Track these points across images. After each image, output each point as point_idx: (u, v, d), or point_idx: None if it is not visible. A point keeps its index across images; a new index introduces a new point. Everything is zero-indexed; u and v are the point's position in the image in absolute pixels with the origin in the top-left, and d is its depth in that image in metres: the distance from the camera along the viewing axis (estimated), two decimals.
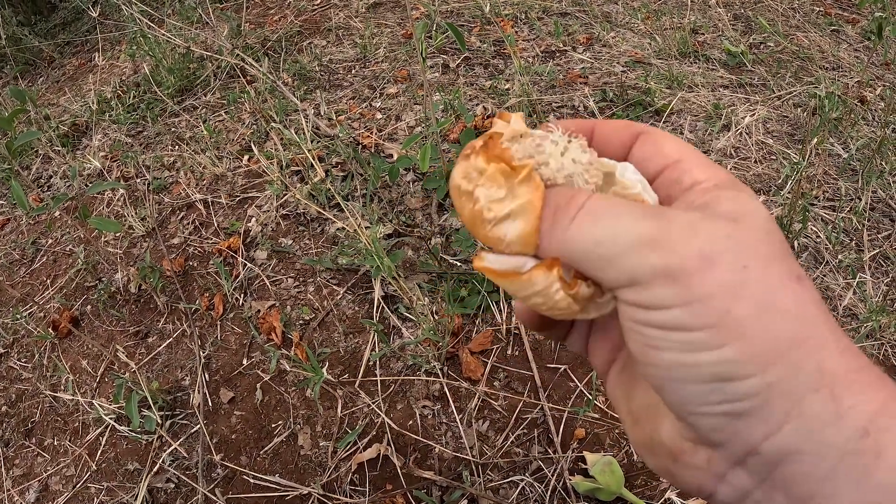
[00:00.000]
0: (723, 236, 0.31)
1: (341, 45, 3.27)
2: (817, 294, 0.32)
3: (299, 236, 2.16)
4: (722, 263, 0.30)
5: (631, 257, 0.31)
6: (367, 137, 2.50)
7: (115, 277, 2.18)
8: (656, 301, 0.31)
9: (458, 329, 1.78)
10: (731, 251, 0.31)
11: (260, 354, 1.86)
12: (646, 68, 2.82)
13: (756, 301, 0.30)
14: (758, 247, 0.31)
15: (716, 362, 0.30)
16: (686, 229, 0.31)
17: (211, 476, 1.64)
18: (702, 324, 0.30)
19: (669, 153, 0.37)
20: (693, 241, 0.31)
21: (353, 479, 1.57)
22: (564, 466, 1.52)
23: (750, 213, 0.32)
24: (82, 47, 4.05)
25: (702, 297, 0.30)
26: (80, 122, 3.04)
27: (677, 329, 0.31)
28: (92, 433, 1.79)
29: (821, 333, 0.30)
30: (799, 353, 0.30)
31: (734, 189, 0.34)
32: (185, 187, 2.45)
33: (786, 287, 0.31)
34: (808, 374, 0.29)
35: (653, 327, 0.32)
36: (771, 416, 0.30)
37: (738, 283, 0.30)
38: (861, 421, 0.29)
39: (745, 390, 0.30)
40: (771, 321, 0.30)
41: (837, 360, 0.30)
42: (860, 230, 2.03)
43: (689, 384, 0.31)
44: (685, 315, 0.30)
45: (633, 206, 0.33)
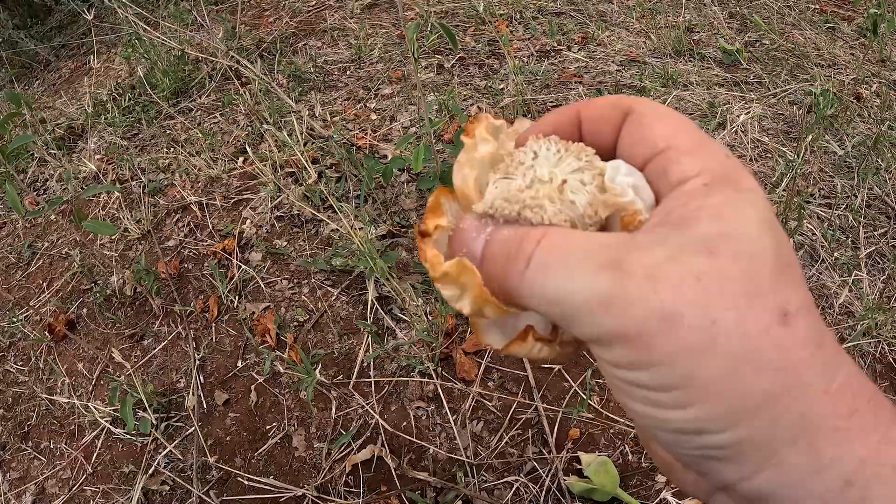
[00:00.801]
0: (691, 282, 0.28)
1: (336, 46, 3.26)
2: (810, 327, 0.29)
3: (294, 238, 2.16)
4: (685, 322, 0.27)
5: (587, 319, 0.29)
6: (362, 138, 2.50)
7: (111, 280, 2.17)
8: (616, 360, 0.29)
9: (451, 329, 1.78)
10: (698, 303, 0.27)
11: (254, 356, 1.86)
12: (641, 67, 2.82)
13: (724, 361, 0.27)
14: (734, 287, 0.28)
15: (682, 420, 0.29)
16: (645, 283, 0.28)
17: (205, 478, 1.64)
18: (665, 386, 0.28)
19: (657, 139, 0.33)
20: (652, 299, 0.27)
21: (348, 481, 1.57)
22: (559, 467, 1.52)
23: (735, 236, 0.29)
24: (78, 50, 4.05)
25: (663, 361, 0.28)
26: (76, 126, 3.04)
27: (641, 388, 0.29)
28: (88, 436, 1.79)
29: (805, 382, 0.28)
30: (777, 406, 0.28)
31: (724, 192, 0.30)
32: (180, 189, 2.45)
33: (765, 334, 0.27)
34: (786, 426, 0.28)
35: (620, 381, 0.30)
36: (744, 465, 0.29)
37: (705, 343, 0.27)
38: (844, 472, 0.27)
39: (714, 443, 0.29)
40: (742, 379, 0.27)
41: (824, 407, 0.28)
42: (856, 227, 2.03)
43: (661, 433, 0.30)
44: (647, 377, 0.28)
45: (590, 250, 0.30)
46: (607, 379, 0.32)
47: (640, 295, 0.28)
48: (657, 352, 0.27)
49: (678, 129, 0.33)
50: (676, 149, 0.32)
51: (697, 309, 0.27)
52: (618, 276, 0.28)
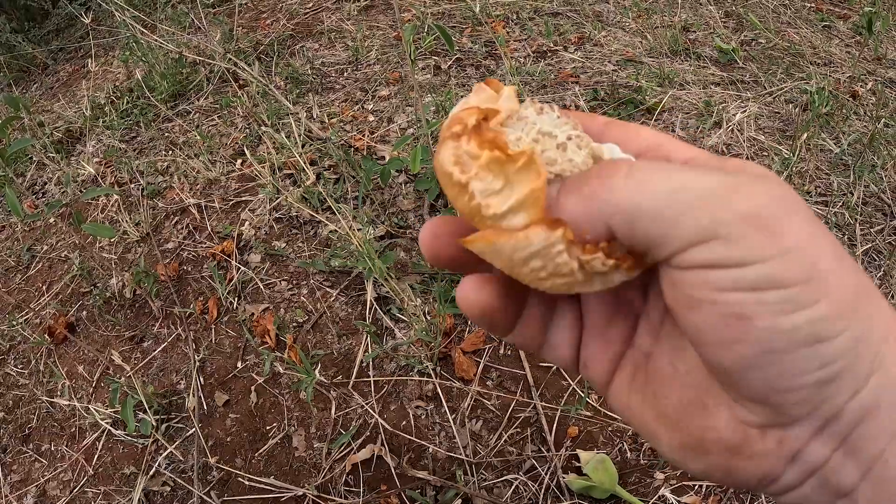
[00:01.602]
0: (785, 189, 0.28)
1: (333, 47, 3.27)
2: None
3: (292, 239, 2.17)
4: (801, 212, 0.28)
5: (712, 206, 0.27)
6: (360, 140, 2.51)
7: (111, 283, 2.18)
8: (745, 254, 0.27)
9: (450, 329, 1.79)
10: (799, 202, 0.28)
11: (254, 357, 1.86)
12: (637, 67, 2.83)
13: (835, 250, 0.28)
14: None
15: (811, 321, 0.27)
16: (756, 179, 0.28)
17: (206, 479, 1.65)
18: (796, 278, 0.27)
19: (647, 137, 0.35)
20: (772, 190, 0.28)
21: (348, 480, 1.58)
22: (558, 465, 1.53)
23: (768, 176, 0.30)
24: (76, 53, 4.05)
25: (794, 247, 0.27)
26: (74, 129, 3.04)
27: (772, 287, 0.27)
28: (89, 438, 1.80)
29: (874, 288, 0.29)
30: (869, 302, 0.28)
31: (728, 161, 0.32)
32: (178, 192, 2.46)
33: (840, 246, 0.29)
34: (879, 323, 0.28)
35: (741, 290, 0.27)
36: (858, 372, 0.28)
37: (819, 235, 0.28)
38: None
39: (837, 349, 0.27)
40: (846, 273, 0.28)
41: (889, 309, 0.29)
42: (852, 225, 2.04)
43: (788, 354, 0.28)
44: (780, 268, 0.27)
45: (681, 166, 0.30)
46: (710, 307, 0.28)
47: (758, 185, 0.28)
48: (788, 237, 0.27)
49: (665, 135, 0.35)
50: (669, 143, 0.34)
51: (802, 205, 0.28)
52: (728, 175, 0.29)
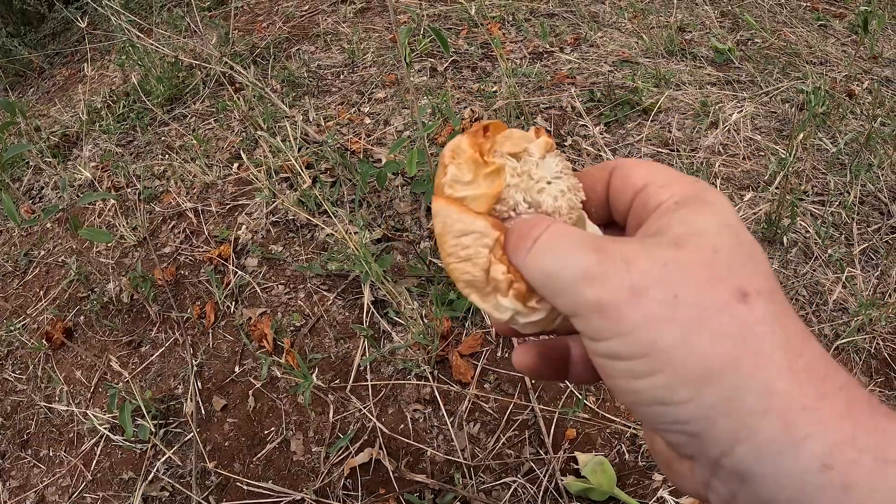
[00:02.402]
0: (659, 266, 0.32)
1: (329, 50, 3.27)
2: (770, 309, 0.32)
3: (289, 243, 2.16)
4: (650, 295, 0.31)
5: (572, 291, 0.33)
6: (356, 143, 2.50)
7: (108, 287, 2.18)
8: (594, 333, 0.33)
9: (447, 332, 1.79)
10: (662, 282, 0.31)
11: (252, 362, 1.86)
12: (633, 67, 2.83)
13: (683, 328, 0.31)
14: (697, 270, 0.32)
15: (652, 388, 0.31)
16: (621, 264, 0.32)
17: (205, 483, 1.64)
18: (634, 353, 0.31)
19: (637, 181, 0.39)
20: (625, 276, 0.32)
21: (346, 484, 1.58)
22: (556, 467, 1.53)
23: (698, 234, 0.33)
24: (72, 57, 4.05)
25: (631, 329, 0.31)
26: (71, 133, 3.04)
27: (615, 358, 0.33)
28: (87, 443, 1.80)
29: (766, 352, 0.30)
30: (738, 373, 0.30)
31: (692, 205, 0.35)
32: (175, 196, 2.45)
33: (723, 309, 0.31)
34: (752, 395, 0.30)
35: (599, 357, 0.34)
36: (720, 437, 0.30)
37: (665, 313, 0.31)
38: (819, 453, 0.28)
39: (686, 414, 0.31)
40: (700, 346, 0.30)
41: (790, 382, 0.30)
42: (849, 224, 2.04)
43: (641, 407, 0.33)
44: (619, 346, 0.32)
45: (583, 239, 0.35)
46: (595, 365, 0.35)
47: (615, 272, 0.32)
48: (626, 320, 0.31)
49: (653, 169, 0.39)
50: (653, 184, 0.38)
51: (661, 285, 0.31)
52: (600, 258, 0.33)
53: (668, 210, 0.36)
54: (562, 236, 0.36)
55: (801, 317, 1.80)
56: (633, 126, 2.49)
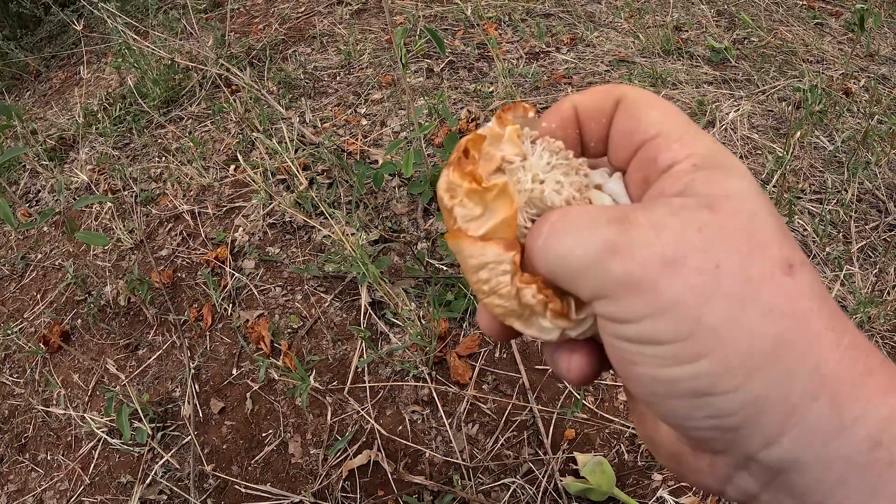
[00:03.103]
0: (693, 231, 0.28)
1: (326, 52, 3.26)
2: (815, 282, 0.29)
3: (286, 245, 2.16)
4: (689, 265, 0.28)
5: (595, 268, 0.29)
6: (353, 144, 2.50)
7: (105, 291, 2.17)
8: (624, 313, 0.29)
9: (444, 333, 1.78)
10: (701, 249, 0.28)
11: (249, 364, 1.86)
12: (629, 67, 2.83)
13: (731, 303, 0.27)
14: (737, 236, 0.28)
15: (693, 376, 0.28)
16: (649, 230, 0.29)
17: (203, 487, 1.64)
18: (673, 336, 0.28)
19: (648, 126, 0.34)
20: (656, 244, 0.28)
21: (345, 486, 1.57)
22: (555, 468, 1.53)
23: (731, 196, 0.29)
24: (68, 60, 4.04)
25: (669, 306, 0.28)
26: (67, 136, 3.03)
27: (649, 342, 0.29)
28: (84, 447, 1.80)
29: (815, 331, 0.28)
30: (789, 356, 0.27)
31: (714, 168, 0.31)
32: (172, 199, 2.45)
33: (770, 281, 0.28)
34: (803, 379, 0.27)
35: (626, 341, 0.30)
36: (765, 428, 0.28)
37: (709, 286, 0.27)
38: (870, 431, 0.27)
39: (730, 405, 0.28)
40: (750, 325, 0.27)
41: (839, 362, 0.27)
42: (847, 222, 2.04)
43: (671, 400, 0.29)
44: (655, 327, 0.28)
45: (598, 212, 0.31)
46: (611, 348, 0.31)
47: (644, 241, 0.28)
48: (663, 295, 0.28)
49: (667, 116, 0.34)
50: (666, 136, 0.33)
51: (700, 253, 0.28)
52: (623, 227, 0.29)
53: (684, 172, 0.31)
54: (574, 215, 0.31)
55: None
56: None
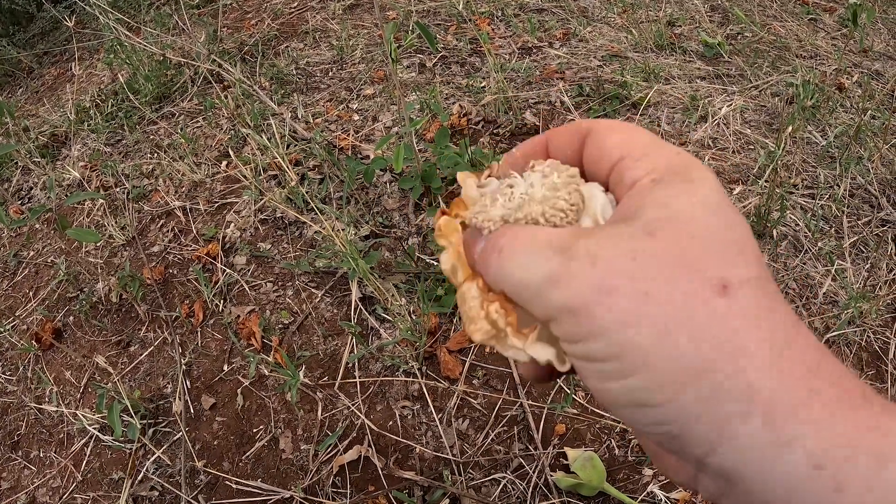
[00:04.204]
0: (627, 260, 0.30)
1: (318, 47, 3.26)
2: (753, 301, 0.29)
3: (277, 240, 2.16)
4: (619, 293, 0.29)
5: (540, 296, 0.32)
6: (344, 139, 2.50)
7: (97, 287, 2.17)
8: (567, 335, 0.32)
9: (435, 328, 1.78)
10: (632, 277, 0.30)
11: (240, 360, 1.86)
12: (622, 62, 2.82)
13: (657, 328, 0.29)
14: (670, 262, 0.30)
15: (628, 390, 0.30)
16: (585, 261, 0.31)
17: (194, 483, 1.64)
18: (607, 355, 0.30)
19: (612, 152, 0.35)
20: (591, 274, 0.30)
21: (335, 482, 1.57)
22: (545, 463, 1.53)
23: (673, 219, 0.31)
24: (61, 57, 4.03)
25: (601, 330, 0.30)
26: (59, 133, 3.03)
27: (588, 360, 0.31)
28: (77, 444, 1.79)
29: (749, 350, 0.28)
30: (717, 373, 0.28)
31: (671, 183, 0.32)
32: (164, 195, 2.44)
33: (700, 303, 0.29)
34: (733, 397, 0.28)
35: (575, 358, 0.32)
36: (701, 438, 0.29)
37: (636, 312, 0.29)
38: (810, 453, 0.27)
39: (664, 415, 0.29)
40: (675, 346, 0.28)
41: (777, 382, 0.28)
42: (839, 217, 2.04)
43: (620, 409, 0.31)
44: (591, 347, 0.30)
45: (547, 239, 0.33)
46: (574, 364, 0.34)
47: (580, 271, 0.30)
48: (596, 321, 0.30)
49: (629, 137, 0.36)
50: (630, 156, 0.35)
51: (631, 282, 0.29)
52: (565, 258, 0.31)
53: (643, 189, 0.33)
54: (524, 240, 0.34)
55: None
56: (622, 120, 2.48)
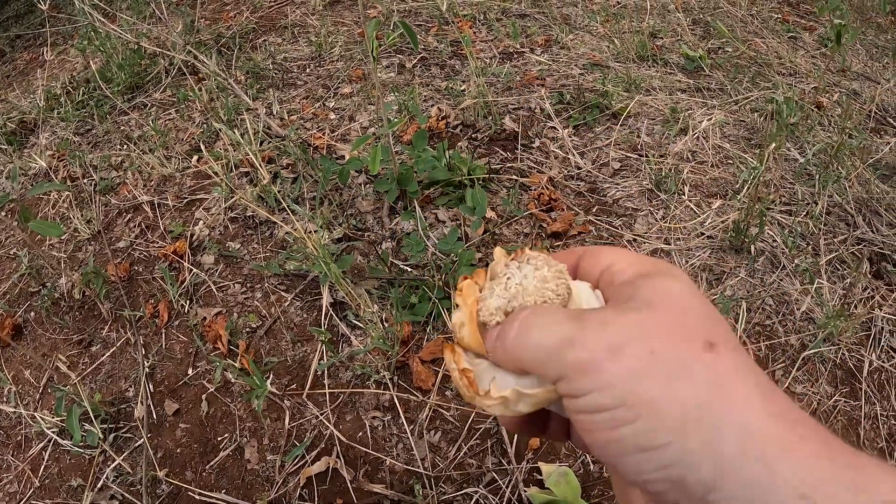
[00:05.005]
0: (633, 326, 0.36)
1: (297, 43, 3.21)
2: (738, 359, 0.35)
3: (247, 240, 2.10)
4: (628, 352, 0.35)
5: (556, 356, 0.37)
6: (319, 138, 2.45)
7: (60, 283, 2.10)
8: (578, 390, 0.36)
9: (408, 337, 1.74)
10: (638, 339, 0.35)
11: (205, 364, 1.80)
12: (604, 71, 2.81)
13: (661, 379, 0.34)
14: (669, 328, 0.36)
15: (634, 434, 0.34)
16: (597, 327, 0.36)
17: (156, 493, 1.58)
18: (616, 403, 0.34)
19: (603, 260, 0.43)
20: (602, 337, 0.36)
21: (302, 494, 1.53)
22: (519, 478, 1.50)
23: (666, 297, 0.37)
24: (34, 42, 3.94)
25: (612, 382, 0.34)
26: (28, 120, 2.95)
27: (597, 411, 0.35)
28: (35, 447, 1.72)
29: (742, 396, 0.33)
30: (716, 416, 0.33)
31: (656, 275, 0.39)
32: (132, 188, 2.38)
33: (696, 359, 0.34)
34: (733, 436, 0.32)
35: (583, 413, 0.36)
36: (704, 477, 0.32)
37: (643, 367, 0.34)
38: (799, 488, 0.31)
39: (669, 456, 0.33)
40: (678, 393, 0.33)
41: (769, 426, 0.32)
42: (816, 234, 2.03)
43: (625, 457, 0.35)
44: (601, 398, 0.35)
45: (559, 314, 0.39)
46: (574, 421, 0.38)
47: (593, 334, 0.36)
48: (607, 375, 0.35)
49: (619, 252, 0.44)
50: (619, 262, 0.42)
51: (638, 342, 0.35)
52: (578, 325, 0.37)
53: (635, 279, 0.40)
54: (542, 313, 0.39)
55: (767, 326, 1.81)
56: (602, 130, 2.47)
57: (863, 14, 3.71)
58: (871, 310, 1.82)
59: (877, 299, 1.86)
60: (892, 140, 2.46)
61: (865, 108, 2.64)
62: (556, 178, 2.23)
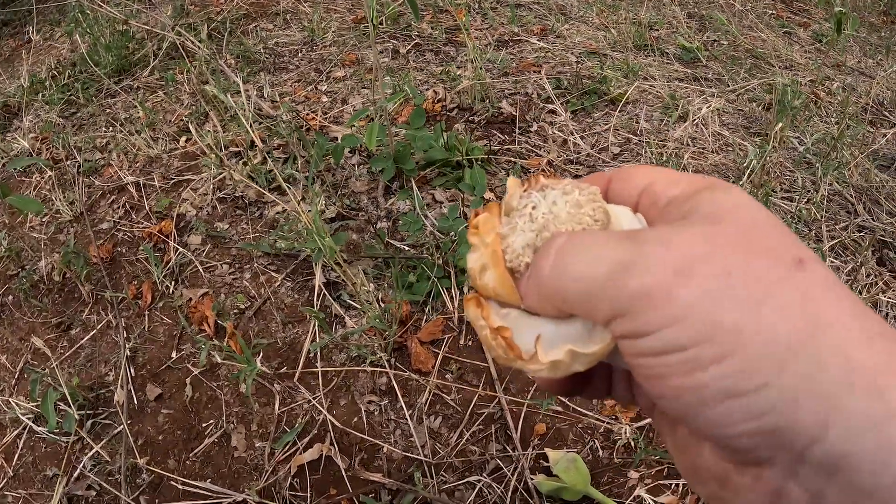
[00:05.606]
0: (700, 242, 0.30)
1: (289, 28, 3.18)
2: (829, 275, 0.29)
3: (236, 220, 2.03)
4: (700, 273, 0.28)
5: (610, 287, 0.30)
6: (312, 119, 2.39)
7: (39, 265, 2.02)
8: (644, 327, 0.29)
9: (406, 317, 1.68)
10: (710, 257, 0.29)
11: (190, 347, 1.73)
12: (601, 59, 2.79)
13: (745, 304, 0.28)
14: (743, 242, 0.30)
15: (720, 378, 0.28)
16: (658, 246, 0.30)
17: (135, 482, 1.51)
18: (695, 340, 0.28)
19: (640, 181, 0.37)
20: (666, 257, 0.29)
21: (293, 484, 1.46)
22: (525, 465, 1.45)
23: (731, 209, 0.31)
24: (21, 28, 3.91)
25: (685, 312, 0.28)
26: (12, 104, 2.90)
27: (671, 351, 0.29)
28: (9, 435, 1.64)
29: (839, 322, 0.28)
30: (814, 347, 0.27)
31: (713, 188, 0.33)
32: (117, 170, 2.30)
33: (782, 279, 0.28)
34: (835, 369, 0.27)
35: (650, 356, 0.30)
36: (805, 424, 0.27)
37: (722, 290, 0.28)
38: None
39: (763, 403, 0.27)
40: (768, 322, 0.27)
41: (872, 352, 0.27)
42: (819, 221, 2.02)
43: (705, 408, 0.29)
44: (675, 334, 0.28)
45: (605, 235, 0.32)
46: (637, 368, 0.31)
47: (655, 255, 0.29)
48: (678, 303, 0.28)
49: (656, 171, 0.37)
50: (659, 181, 0.36)
51: (710, 261, 0.29)
52: (634, 245, 0.30)
53: (687, 197, 0.33)
54: (583, 237, 0.33)
55: None
56: (601, 115, 2.44)
57: (857, 12, 3.74)
58: (874, 295, 1.81)
59: (880, 285, 1.85)
60: (889, 132, 2.47)
61: (861, 102, 2.65)
62: (555, 161, 2.19)
